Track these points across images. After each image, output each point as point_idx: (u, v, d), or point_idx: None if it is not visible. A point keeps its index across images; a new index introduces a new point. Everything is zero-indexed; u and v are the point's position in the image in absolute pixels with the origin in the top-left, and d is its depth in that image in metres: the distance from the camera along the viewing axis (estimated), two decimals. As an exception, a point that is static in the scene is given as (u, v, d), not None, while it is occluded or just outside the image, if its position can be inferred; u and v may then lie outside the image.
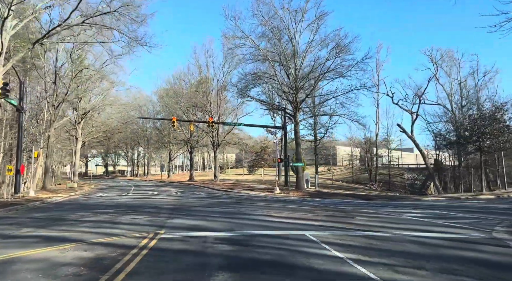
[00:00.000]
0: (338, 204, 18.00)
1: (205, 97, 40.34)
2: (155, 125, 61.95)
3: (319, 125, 37.54)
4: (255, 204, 16.94)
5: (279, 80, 28.50)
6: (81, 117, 40.57)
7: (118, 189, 31.45)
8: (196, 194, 24.61)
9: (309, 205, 16.99)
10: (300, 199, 22.48)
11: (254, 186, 36.31)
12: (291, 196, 25.99)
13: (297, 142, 29.09)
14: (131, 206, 15.35)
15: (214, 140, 41.82)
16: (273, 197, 23.89)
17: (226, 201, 18.34)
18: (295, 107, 28.48)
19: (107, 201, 18.33)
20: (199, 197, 21.47)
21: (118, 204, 16.45)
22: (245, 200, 19.41)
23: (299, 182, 28.96)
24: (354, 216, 11.74)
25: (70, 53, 25.47)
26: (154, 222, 10.17)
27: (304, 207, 15.29)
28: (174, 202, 17.34)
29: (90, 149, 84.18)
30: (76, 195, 24.52)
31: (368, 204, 19.24)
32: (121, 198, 20.96)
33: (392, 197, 27.89)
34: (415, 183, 51.50)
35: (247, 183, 41.81)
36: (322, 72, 26.43)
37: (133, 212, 13.08)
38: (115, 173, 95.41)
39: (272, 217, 11.36)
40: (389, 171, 49.93)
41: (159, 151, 77.20)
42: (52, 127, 26.73)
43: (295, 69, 28.31)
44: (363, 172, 55.84)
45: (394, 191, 41.95)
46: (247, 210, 13.67)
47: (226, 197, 22.43)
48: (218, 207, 15.06)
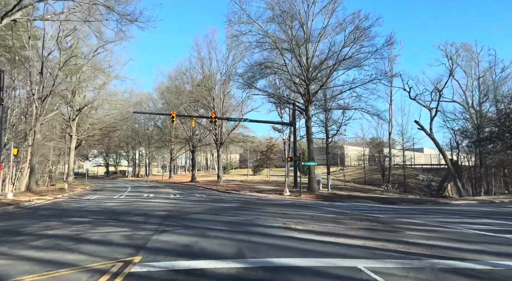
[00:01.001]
0: (364, 211, 15.10)
1: (207, 92, 37.59)
2: (156, 124, 59.35)
3: (331, 122, 34.60)
4: (265, 209, 14.10)
5: (289, 70, 25.67)
6: (76, 113, 38.02)
7: (112, 191, 28.77)
8: (196, 197, 21.83)
9: (331, 211, 14.11)
10: (315, 203, 19.59)
11: (260, 188, 33.45)
12: (303, 199, 23.11)
13: (309, 138, 26.21)
14: (115, 213, 12.59)
15: (217, 138, 39.04)
16: (283, 200, 21.04)
17: (231, 206, 15.51)
18: (307, 100, 25.61)
19: (91, 206, 15.59)
20: (199, 201, 18.68)
21: (102, 210, 13.70)
22: (253, 205, 16.58)
23: (311, 183, 26.08)
24: (402, 230, 8.85)
25: (56, 39, 22.79)
26: (133, 238, 7.38)
27: (327, 215, 12.41)
28: (170, 207, 14.55)
29: (90, 148, 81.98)
30: (63, 198, 21.84)
31: (398, 210, 16.32)
32: (110, 201, 18.24)
33: (417, 200, 24.92)
34: (431, 185, 48.42)
35: (253, 184, 38.97)
36: (338, 61, 23.53)
37: (113, 221, 10.31)
38: (117, 174, 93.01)
39: (293, 231, 8.52)
40: (404, 171, 46.83)
41: (161, 151, 74.64)
42: (38, 122, 24.11)
43: (307, 57, 25.45)
44: (375, 173, 52.85)
45: (411, 193, 38.89)
46: (257, 218, 10.84)
47: (231, 200, 19.62)
48: (221, 213, 12.25)
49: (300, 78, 25.73)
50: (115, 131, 44.82)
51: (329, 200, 22.50)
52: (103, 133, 43.34)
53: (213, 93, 38.17)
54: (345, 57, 23.25)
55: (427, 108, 39.31)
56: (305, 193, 25.21)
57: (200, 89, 37.82)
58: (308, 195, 24.77)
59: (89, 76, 29.60)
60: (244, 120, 30.26)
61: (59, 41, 22.93)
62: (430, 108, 39.13)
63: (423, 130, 38.45)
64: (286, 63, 25.54)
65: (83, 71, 27.27)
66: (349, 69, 25.49)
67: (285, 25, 24.35)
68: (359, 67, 25.01)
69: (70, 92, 37.29)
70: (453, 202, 23.95)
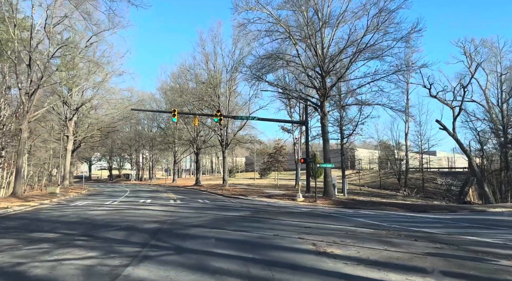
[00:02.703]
0: (402, 223, 12.35)
1: (212, 90, 35.12)
2: (159, 125, 57.10)
3: (346, 120, 31.83)
4: (281, 220, 11.41)
5: (302, 61, 23.03)
6: (73, 112, 35.79)
7: (108, 196, 26.30)
8: (199, 203, 19.20)
9: (362, 223, 11.37)
10: (336, 211, 16.82)
11: (269, 192, 30.73)
12: (320, 205, 20.35)
13: (324, 138, 23.48)
14: (94, 225, 10.03)
15: (223, 139, 36.50)
16: (298, 207, 18.29)
17: (239, 215, 12.85)
18: (322, 95, 22.91)
19: (72, 215, 13.06)
20: (202, 208, 16.04)
21: (81, 221, 11.15)
22: (264, 213, 13.89)
23: (327, 187, 23.31)
24: (492, 260, 6.09)
25: (44, 26, 20.49)
26: (94, 275, 4.78)
27: (363, 230, 9.69)
28: (165, 217, 11.94)
29: (93, 151, 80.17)
30: (49, 204, 19.40)
31: (442, 222, 13.50)
32: (98, 208, 15.71)
33: (449, 208, 21.98)
34: (450, 189, 45.26)
35: (261, 188, 36.25)
36: (358, 49, 20.84)
37: (84, 239, 7.74)
38: (120, 177, 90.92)
39: (332, 258, 5.83)
40: (422, 175, 43.76)
41: (165, 154, 72.37)
42: (25, 120, 21.79)
43: (323, 47, 22.81)
44: (389, 177, 49.83)
45: (433, 199, 35.83)
46: (276, 235, 8.16)
47: (238, 207, 16.95)
48: (227, 227, 9.60)
49: (314, 71, 23.09)
50: (115, 132, 42.48)
51: (350, 207, 19.70)
52: (102, 134, 41.03)
53: (218, 91, 35.68)
54: (367, 45, 20.54)
55: (449, 106, 36.31)
56: (321, 199, 22.45)
57: (204, 86, 35.39)
58: (325, 201, 22.01)
59: (82, 69, 27.33)
60: (252, 118, 27.67)
61: (48, 30, 20.61)
62: (453, 107, 36.14)
63: (445, 130, 35.42)
64: (299, 54, 22.90)
65: (76, 64, 24.94)
66: (369, 60, 22.77)
67: (299, 11, 21.76)
68: (380, 58, 22.30)
69: (67, 90, 35.15)
70: (491, 210, 20.95)
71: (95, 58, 26.18)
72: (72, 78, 26.31)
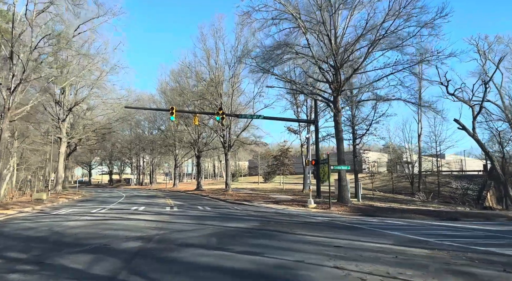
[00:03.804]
0: (448, 236, 9.96)
1: (214, 88, 32.93)
2: (159, 128, 54.94)
3: (358, 119, 29.44)
4: (300, 235, 9.03)
5: (313, 52, 20.74)
6: (66, 113, 33.69)
7: (100, 202, 24.02)
8: (198, 211, 16.84)
9: (402, 239, 8.98)
10: (358, 220, 14.38)
11: (276, 197, 28.32)
12: (336, 213, 17.93)
13: (338, 137, 21.08)
14: (60, 243, 7.74)
15: (225, 140, 34.20)
16: (312, 215, 15.88)
17: (246, 228, 10.48)
18: (335, 89, 20.57)
19: (44, 227, 10.77)
20: (201, 218, 13.68)
21: (47, 236, 8.86)
22: (276, 224, 11.52)
23: (342, 192, 20.87)
24: None
25: (25, 13, 18.41)
26: None
27: (412, 250, 7.30)
28: (153, 231, 9.61)
29: (92, 155, 78.23)
30: (30, 212, 17.14)
31: (490, 234, 11.07)
32: (80, 218, 13.42)
33: (482, 215, 19.48)
34: (467, 193, 42.58)
35: (266, 193, 33.84)
36: (377, 37, 18.53)
37: (28, 268, 5.42)
38: (121, 182, 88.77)
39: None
40: (438, 179, 41.14)
41: (166, 158, 70.18)
42: (6, 118, 19.63)
43: (336, 36, 20.54)
44: (400, 181, 47.26)
45: (451, 204, 33.23)
46: (300, 262, 5.80)
47: (244, 216, 14.57)
48: (231, 245, 7.27)
49: (327, 63, 20.81)
50: (111, 134, 40.31)
51: (371, 215, 17.26)
52: (97, 136, 38.87)
53: (220, 89, 33.47)
54: (387, 31, 18.23)
55: (467, 104, 33.81)
56: (335, 205, 19.99)
57: (206, 84, 33.22)
58: (340, 207, 19.56)
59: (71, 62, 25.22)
60: (257, 117, 25.38)
61: (31, 18, 18.52)
62: (472, 105, 33.65)
63: (464, 130, 32.89)
64: (309, 44, 20.61)
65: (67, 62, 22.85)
66: (387, 50, 20.42)
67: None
68: (399, 48, 19.95)
69: (60, 89, 33.09)
70: (531, 217, 18.42)
71: (83, 50, 24.05)
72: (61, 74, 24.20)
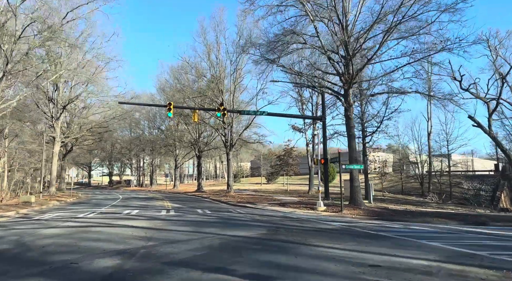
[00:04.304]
0: (496, 248, 8.21)
1: (215, 85, 31.29)
2: (159, 128, 53.35)
3: (368, 116, 27.69)
4: (318, 247, 7.33)
5: (322, 42, 19.05)
6: (60, 111, 32.10)
7: (93, 205, 22.37)
8: (197, 215, 15.15)
9: (447, 252, 7.28)
10: (379, 226, 12.64)
11: (281, 199, 26.62)
12: (348, 216, 16.23)
13: (350, 133, 19.36)
14: (15, 259, 6.06)
15: (227, 139, 32.52)
16: (324, 219, 14.15)
17: (252, 237, 8.79)
18: (346, 82, 18.86)
19: (13, 236, 9.12)
20: (199, 223, 11.99)
21: (12, 248, 7.23)
22: (287, 232, 9.81)
23: (354, 193, 19.12)
24: None
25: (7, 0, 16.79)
26: None
27: (472, 270, 5.58)
28: (139, 242, 7.92)
29: (92, 156, 76.81)
30: (11, 216, 15.54)
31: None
32: (62, 224, 11.77)
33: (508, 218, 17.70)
34: (479, 194, 40.76)
35: (270, 195, 32.13)
36: (394, 23, 16.82)
37: None
38: (121, 183, 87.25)
39: None
40: (450, 179, 39.28)
41: (166, 158, 68.55)
42: (-12, 114, 18.02)
43: (347, 23, 18.84)
44: (409, 181, 45.46)
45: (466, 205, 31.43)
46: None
47: (248, 221, 12.87)
48: (235, 263, 5.60)
49: (337, 53, 19.09)
50: (108, 134, 38.66)
51: (389, 219, 15.51)
52: (93, 135, 37.24)
53: (222, 86, 31.80)
54: (405, 17, 16.52)
55: (483, 100, 31.96)
56: (347, 208, 18.26)
57: (206, 81, 31.58)
58: (352, 210, 17.81)
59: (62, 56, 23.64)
60: (261, 113, 23.71)
61: (14, 6, 16.92)
62: (487, 101, 31.83)
63: (480, 127, 31.03)
64: (318, 32, 18.91)
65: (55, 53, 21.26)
66: (403, 39, 18.71)
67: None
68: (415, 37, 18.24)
69: (53, 86, 31.52)
70: None
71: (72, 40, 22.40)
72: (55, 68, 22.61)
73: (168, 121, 49.79)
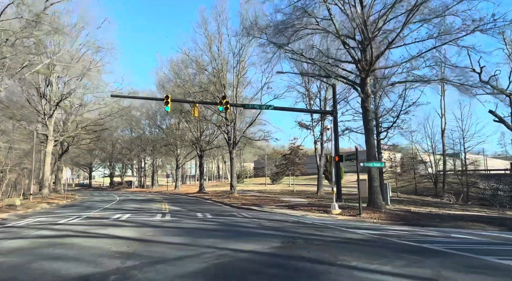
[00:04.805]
0: None
1: (217, 78, 29.30)
2: (159, 126, 51.48)
3: (383, 111, 25.58)
4: (363, 272, 5.31)
5: (336, 25, 17.01)
6: (53, 108, 30.28)
7: (83, 208, 20.46)
8: (196, 220, 13.13)
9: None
10: (413, 234, 10.56)
11: (289, 201, 24.58)
12: (369, 220, 14.16)
13: (368, 127, 17.27)
14: None
15: (230, 137, 30.52)
16: (343, 225, 12.09)
17: (263, 252, 6.78)
18: (363, 69, 16.80)
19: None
20: (197, 232, 9.98)
21: None
22: (306, 243, 7.77)
23: (373, 195, 17.02)
24: None
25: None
26: None
27: None
28: (115, 262, 5.93)
29: (92, 157, 75.19)
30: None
31: None
32: (37, 231, 9.84)
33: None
34: (497, 194, 38.49)
35: (276, 196, 30.07)
36: (419, 1, 14.75)
37: None
38: (122, 184, 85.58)
39: None
40: (467, 179, 36.98)
41: (168, 158, 66.67)
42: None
43: (362, 5, 16.79)
44: (421, 181, 43.21)
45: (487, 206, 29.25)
46: None
47: (256, 228, 10.85)
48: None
49: (353, 38, 17.03)
50: (103, 131, 36.77)
51: (416, 224, 13.42)
52: (88, 133, 35.38)
53: (224, 80, 29.82)
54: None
55: (504, 93, 29.73)
56: (366, 211, 16.17)
57: (207, 74, 29.63)
58: (372, 213, 15.72)
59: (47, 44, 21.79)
60: (266, 107, 21.70)
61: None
62: (509, 94, 29.59)
63: (502, 122, 28.69)
64: (331, 15, 16.88)
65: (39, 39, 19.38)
66: (427, 21, 16.60)
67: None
68: (441, 18, 16.17)
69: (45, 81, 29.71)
70: None
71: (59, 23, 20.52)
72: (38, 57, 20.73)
73: (169, 119, 47.96)
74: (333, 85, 22.97)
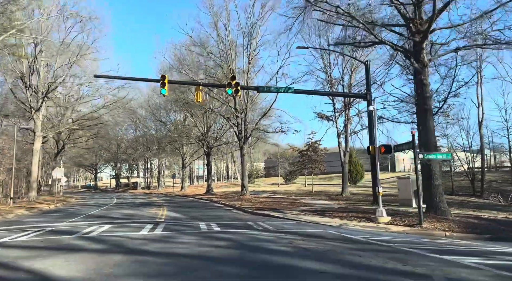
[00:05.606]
0: None
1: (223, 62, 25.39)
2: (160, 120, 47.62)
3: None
4: None
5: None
6: (41, 99, 26.82)
7: (66, 215, 16.78)
8: (197, 236, 9.10)
9: None
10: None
11: (313, 204, 20.43)
12: (437, 233, 9.98)
13: (425, 106, 12.98)
14: None
15: (240, 130, 26.55)
16: (410, 242, 7.94)
17: None
18: (418, 32, 12.58)
19: None
20: (191, 265, 5.93)
21: None
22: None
23: (436, 197, 12.74)
24: None
25: None
26: None
27: None
28: None
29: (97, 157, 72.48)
30: None
31: None
32: None
33: None
34: (541, 193, 33.63)
35: (294, 198, 25.88)
36: None
37: None
38: (129, 186, 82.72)
39: None
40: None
41: (174, 158, 63.16)
42: None
43: None
44: (455, 179, 38.50)
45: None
46: None
47: (290, 254, 6.77)
48: None
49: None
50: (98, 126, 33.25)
51: (503, 239, 9.19)
52: (81, 128, 31.90)
53: (232, 65, 25.87)
54: None
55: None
56: (427, 219, 11.92)
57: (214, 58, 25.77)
58: (437, 223, 11.48)
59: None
60: (286, 90, 17.58)
61: None
62: None
63: None
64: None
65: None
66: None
67: None
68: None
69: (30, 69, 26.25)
70: None
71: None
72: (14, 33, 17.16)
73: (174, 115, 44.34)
74: (367, 62, 18.69)
